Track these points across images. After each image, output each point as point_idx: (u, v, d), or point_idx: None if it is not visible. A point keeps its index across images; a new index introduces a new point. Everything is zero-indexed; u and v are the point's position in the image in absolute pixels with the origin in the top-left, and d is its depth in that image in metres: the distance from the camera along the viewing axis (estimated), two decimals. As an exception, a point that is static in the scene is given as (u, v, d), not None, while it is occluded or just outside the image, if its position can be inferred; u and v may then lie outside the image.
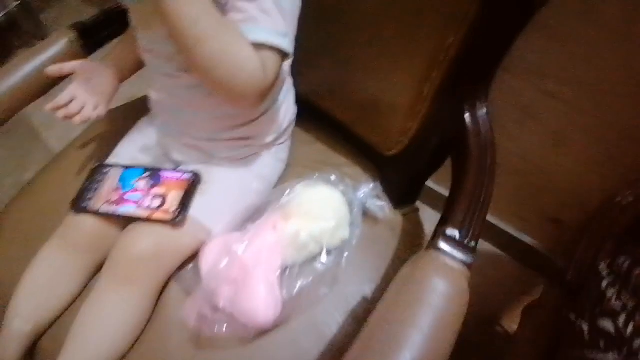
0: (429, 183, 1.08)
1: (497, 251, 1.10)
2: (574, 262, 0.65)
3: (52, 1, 1.84)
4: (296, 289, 0.50)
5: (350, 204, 0.58)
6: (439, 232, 0.42)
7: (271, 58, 0.47)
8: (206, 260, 0.54)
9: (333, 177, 0.58)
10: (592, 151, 0.81)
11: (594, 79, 0.72)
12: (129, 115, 0.80)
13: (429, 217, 0.69)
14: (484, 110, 0.56)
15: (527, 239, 1.05)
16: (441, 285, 0.37)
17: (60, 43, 0.72)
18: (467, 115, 0.55)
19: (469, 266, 0.40)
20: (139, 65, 0.65)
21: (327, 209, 0.55)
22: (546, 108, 0.81)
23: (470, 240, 0.41)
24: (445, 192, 1.08)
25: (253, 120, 0.60)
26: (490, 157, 0.54)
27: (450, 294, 0.37)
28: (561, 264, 0.99)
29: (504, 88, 0.80)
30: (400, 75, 0.57)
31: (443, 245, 0.41)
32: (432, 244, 0.42)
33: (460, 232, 0.42)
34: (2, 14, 1.66)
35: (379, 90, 0.61)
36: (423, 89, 0.56)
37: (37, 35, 1.78)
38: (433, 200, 1.04)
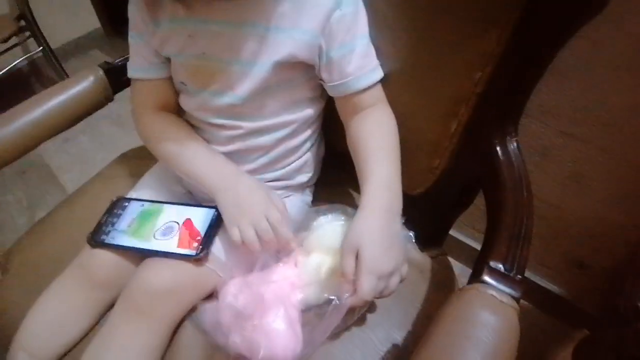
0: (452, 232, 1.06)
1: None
2: (624, 295, 0.61)
3: (76, 51, 1.92)
4: (318, 326, 0.46)
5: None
6: (481, 266, 0.40)
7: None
8: (224, 297, 0.51)
9: (350, 210, 0.55)
10: (612, 189, 0.80)
11: (608, 118, 0.72)
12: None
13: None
14: (514, 144, 0.55)
15: (551, 286, 1.01)
16: (492, 320, 0.34)
17: (87, 80, 0.74)
18: (498, 150, 0.54)
19: (517, 300, 0.37)
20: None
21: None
22: (563, 148, 0.81)
23: (517, 273, 0.39)
24: (469, 242, 1.06)
25: (299, 158, 0.60)
26: (526, 190, 0.52)
27: (503, 330, 0.34)
28: (590, 310, 0.94)
29: (520, 130, 0.81)
30: (426, 111, 0.57)
31: (488, 278, 0.38)
32: (476, 278, 0.39)
33: (504, 265, 0.40)
34: (24, 58, 1.69)
35: (402, 126, 0.60)
36: (450, 125, 0.55)
37: (59, 82, 1.84)
38: (456, 250, 1.01)
